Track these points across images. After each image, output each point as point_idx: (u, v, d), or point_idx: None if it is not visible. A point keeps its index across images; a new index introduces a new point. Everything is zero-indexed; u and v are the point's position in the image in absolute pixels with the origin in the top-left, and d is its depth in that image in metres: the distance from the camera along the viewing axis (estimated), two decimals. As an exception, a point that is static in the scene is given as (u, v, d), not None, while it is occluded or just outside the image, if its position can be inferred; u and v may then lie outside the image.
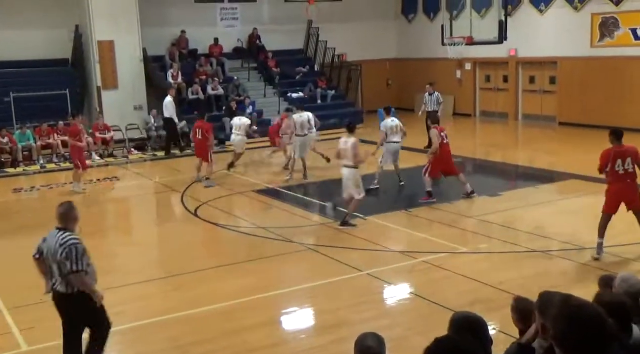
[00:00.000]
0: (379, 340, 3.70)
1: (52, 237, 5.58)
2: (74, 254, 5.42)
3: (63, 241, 5.47)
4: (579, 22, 19.60)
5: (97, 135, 18.28)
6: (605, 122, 18.98)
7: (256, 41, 23.05)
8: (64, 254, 5.42)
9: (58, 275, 5.51)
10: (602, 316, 2.37)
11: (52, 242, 5.55)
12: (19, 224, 11.95)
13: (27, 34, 19.56)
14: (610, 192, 8.70)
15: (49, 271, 5.60)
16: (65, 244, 5.45)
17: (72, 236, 5.54)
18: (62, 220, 5.65)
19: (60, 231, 5.58)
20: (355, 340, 3.70)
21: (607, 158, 8.67)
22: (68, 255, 5.41)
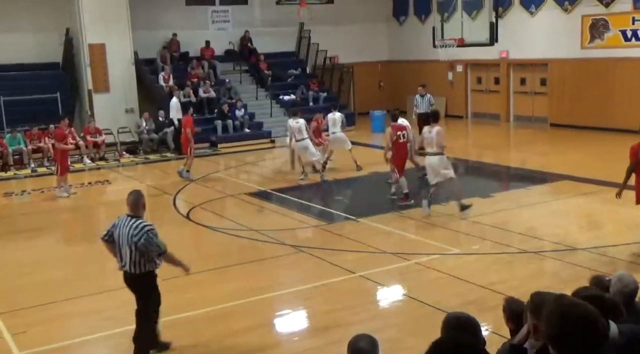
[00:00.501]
0: (372, 342, 3.70)
1: (124, 224, 6.03)
2: (153, 239, 5.96)
3: (137, 228, 5.94)
4: (569, 23, 19.71)
5: (89, 138, 18.21)
6: (595, 123, 19.13)
7: (248, 44, 23.05)
8: (141, 240, 5.90)
9: (128, 258, 6.00)
10: (595, 314, 2.38)
11: (124, 228, 6.01)
12: (9, 228, 11.89)
13: (17, 37, 19.49)
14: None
15: (119, 253, 6.08)
16: (141, 230, 5.92)
17: (144, 222, 6.03)
18: (132, 207, 6.12)
19: (131, 218, 6.04)
20: (344, 343, 3.70)
21: (637, 151, 8.57)
22: (149, 241, 5.93)
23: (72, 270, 9.33)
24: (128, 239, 5.94)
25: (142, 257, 6.00)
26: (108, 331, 7.15)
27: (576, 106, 19.87)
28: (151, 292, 6.24)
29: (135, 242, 5.91)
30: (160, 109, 19.49)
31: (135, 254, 5.96)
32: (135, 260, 6.00)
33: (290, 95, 22.14)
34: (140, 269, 6.05)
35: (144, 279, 6.12)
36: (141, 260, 6.01)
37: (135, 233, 5.92)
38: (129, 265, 6.04)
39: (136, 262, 6.01)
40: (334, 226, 10.94)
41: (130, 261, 6.01)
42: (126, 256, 6.01)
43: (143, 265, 6.04)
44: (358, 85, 24.48)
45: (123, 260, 6.07)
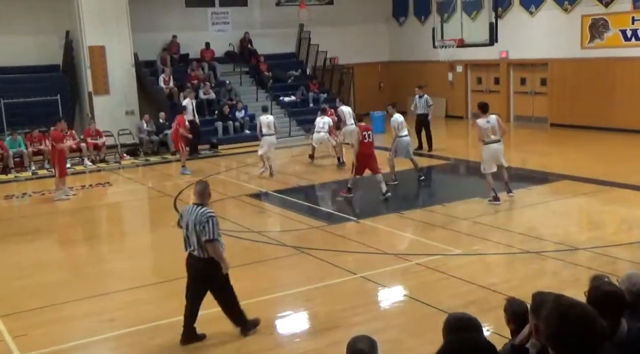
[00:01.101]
0: (371, 343, 3.70)
1: (190, 212, 6.45)
2: (210, 225, 6.33)
3: (201, 214, 6.35)
4: (568, 23, 19.71)
5: (89, 140, 18.22)
6: (595, 123, 19.13)
7: (248, 45, 23.05)
8: (201, 225, 6.30)
9: (196, 244, 6.39)
10: (593, 315, 2.38)
11: (190, 216, 6.42)
12: (10, 230, 11.89)
13: (17, 40, 19.50)
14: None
15: (188, 239, 6.47)
16: (204, 216, 6.34)
17: (208, 209, 6.44)
18: (199, 196, 6.54)
19: (197, 206, 6.46)
20: (345, 344, 3.70)
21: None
22: (205, 226, 6.31)
23: (72, 272, 9.33)
24: (195, 224, 6.34)
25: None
26: (109, 333, 7.15)
27: (576, 105, 19.86)
28: (218, 276, 6.51)
29: (199, 227, 6.32)
30: (160, 111, 19.50)
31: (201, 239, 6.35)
32: (203, 245, 6.36)
33: (291, 96, 22.15)
34: (207, 254, 6.40)
35: (214, 263, 6.44)
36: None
37: (199, 219, 6.33)
38: (198, 250, 6.41)
39: (204, 247, 6.36)
40: (335, 226, 10.94)
41: (199, 246, 6.39)
42: (194, 242, 6.40)
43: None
44: (358, 86, 24.48)
45: (192, 245, 6.44)
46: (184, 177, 15.53)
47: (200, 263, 6.48)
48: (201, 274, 6.53)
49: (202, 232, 6.31)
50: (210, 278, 6.55)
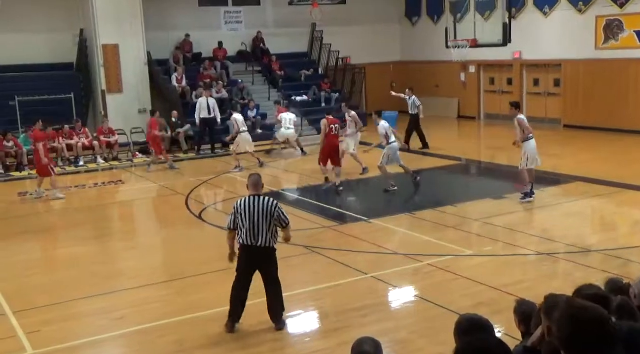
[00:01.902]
0: (375, 344, 3.69)
1: (254, 203, 6.69)
2: (283, 212, 6.80)
3: (270, 205, 6.71)
4: (583, 24, 19.58)
5: (102, 138, 18.32)
6: (609, 124, 19.00)
7: (260, 44, 23.08)
8: (275, 214, 6.68)
9: (265, 232, 6.67)
10: (605, 317, 2.37)
11: (256, 206, 6.67)
12: (23, 227, 11.98)
13: (31, 38, 19.63)
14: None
15: (252, 231, 6.65)
16: (273, 206, 6.72)
17: (271, 199, 6.84)
18: (255, 187, 6.89)
19: (256, 197, 6.76)
20: (352, 344, 3.70)
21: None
22: (280, 214, 6.74)
23: (84, 270, 9.38)
24: (265, 214, 6.63)
25: (274, 231, 6.73)
26: (119, 330, 7.19)
27: (590, 107, 19.73)
28: (277, 264, 6.90)
29: (272, 215, 6.63)
30: (173, 110, 19.58)
31: (272, 227, 6.68)
32: (272, 233, 6.70)
33: (303, 96, 22.16)
34: (275, 241, 6.78)
35: (274, 251, 6.83)
36: (275, 234, 6.74)
37: (271, 207, 6.66)
38: (265, 239, 6.66)
39: (272, 236, 6.71)
40: (346, 226, 10.93)
41: (266, 235, 6.66)
42: (263, 231, 6.63)
43: (276, 238, 6.79)
44: (370, 86, 24.45)
45: (257, 236, 6.64)
46: (196, 177, 15.57)
47: (270, 253, 6.80)
48: (263, 261, 6.81)
49: (277, 220, 6.69)
50: (268, 265, 6.86)
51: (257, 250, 6.72)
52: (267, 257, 6.82)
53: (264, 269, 6.88)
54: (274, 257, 6.88)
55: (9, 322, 7.44)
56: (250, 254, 6.77)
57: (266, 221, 6.65)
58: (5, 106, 18.30)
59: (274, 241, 6.79)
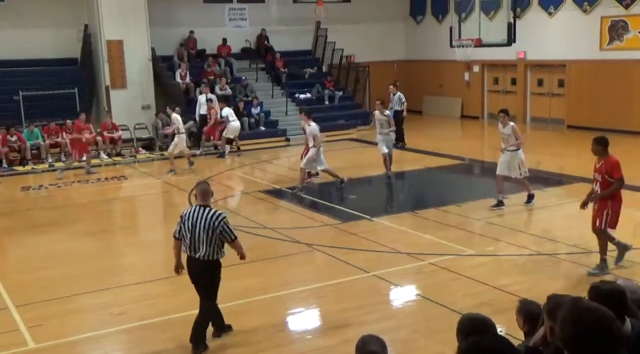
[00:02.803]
0: (381, 344, 3.68)
1: (197, 214, 6.30)
2: (228, 227, 6.32)
3: (214, 217, 6.27)
4: (588, 25, 19.53)
5: (105, 134, 18.35)
6: (613, 125, 18.94)
7: (264, 42, 23.07)
8: (218, 228, 6.24)
9: (205, 246, 6.26)
10: (610, 318, 2.36)
11: (199, 218, 6.28)
12: (26, 222, 12.00)
13: (36, 33, 19.65)
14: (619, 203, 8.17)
15: (193, 243, 6.30)
16: (217, 220, 6.26)
17: (217, 211, 6.39)
18: (203, 197, 6.45)
19: (202, 207, 6.35)
20: (356, 343, 3.69)
21: (619, 164, 8.30)
22: (224, 228, 6.27)
23: (86, 265, 9.40)
24: (206, 227, 6.22)
25: (217, 245, 6.30)
26: (121, 325, 7.21)
27: (594, 107, 19.69)
28: (218, 279, 6.50)
29: (214, 229, 6.21)
30: (176, 106, 19.58)
31: (213, 241, 6.25)
32: (213, 247, 6.28)
33: (306, 93, 22.16)
34: (216, 256, 6.35)
35: (216, 266, 6.42)
36: (216, 248, 6.31)
37: (213, 221, 6.23)
38: (205, 253, 6.28)
39: (213, 250, 6.30)
40: (348, 224, 10.93)
41: (206, 248, 6.27)
42: (202, 244, 6.25)
43: (217, 253, 6.35)
44: (374, 85, 24.42)
45: (198, 249, 6.29)
46: (200, 174, 15.58)
47: (208, 267, 6.39)
48: (200, 274, 6.44)
49: (221, 235, 6.28)
50: (205, 279, 6.46)
51: (195, 262, 6.38)
52: (204, 271, 6.41)
53: (198, 284, 6.53)
54: (211, 272, 6.42)
55: (11, 316, 7.46)
56: (190, 265, 6.46)
57: (207, 234, 6.23)
58: (9, 101, 18.33)
59: (215, 255, 6.35)
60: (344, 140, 20.05)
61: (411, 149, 16.47)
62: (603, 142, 8.17)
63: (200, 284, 6.51)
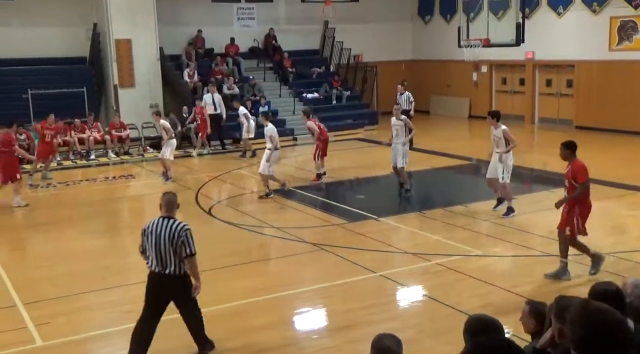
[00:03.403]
0: (396, 341, 3.69)
1: (161, 225, 5.96)
2: (190, 239, 5.95)
3: (178, 229, 5.93)
4: (597, 25, 19.45)
5: (114, 133, 18.41)
6: (622, 126, 18.88)
7: (272, 41, 23.09)
8: (180, 239, 5.89)
9: (171, 261, 5.91)
10: (622, 320, 2.35)
11: (163, 230, 5.93)
12: (34, 220, 12.06)
13: (45, 31, 19.75)
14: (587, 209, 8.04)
15: (157, 257, 5.94)
16: (181, 230, 5.92)
17: (182, 222, 6.02)
18: (168, 208, 6.10)
19: (167, 219, 6.01)
20: (371, 341, 3.69)
21: (585, 169, 8.04)
22: (185, 240, 5.90)
23: (94, 263, 9.43)
24: (171, 238, 5.89)
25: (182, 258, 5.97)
26: (129, 324, 7.18)
27: (603, 108, 19.61)
28: (190, 293, 6.14)
29: (178, 240, 5.88)
30: (184, 105, 19.65)
31: (179, 253, 5.92)
32: (180, 260, 5.94)
33: (314, 93, 22.16)
34: (185, 269, 6.01)
35: (187, 280, 6.08)
36: (183, 261, 5.97)
37: (178, 231, 5.92)
38: (173, 267, 5.94)
39: (182, 263, 5.96)
40: (355, 224, 10.92)
41: (174, 262, 5.93)
42: (169, 257, 5.92)
43: (184, 266, 6.01)
44: (381, 84, 24.41)
45: (167, 264, 5.94)
46: (205, 173, 15.61)
47: (176, 282, 6.04)
48: (175, 291, 6.10)
49: (181, 247, 5.89)
50: (182, 294, 6.13)
51: (166, 279, 5.98)
52: (178, 288, 6.07)
53: (176, 302, 6.19)
54: (184, 286, 6.09)
55: (19, 313, 7.50)
56: (159, 282, 6.03)
57: (172, 246, 5.89)
58: (18, 99, 18.41)
59: (185, 268, 6.02)
60: (351, 140, 20.05)
61: (418, 149, 16.41)
62: (570, 146, 8.02)
63: (177, 302, 6.17)
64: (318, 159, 14.16)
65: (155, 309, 6.13)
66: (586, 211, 8.02)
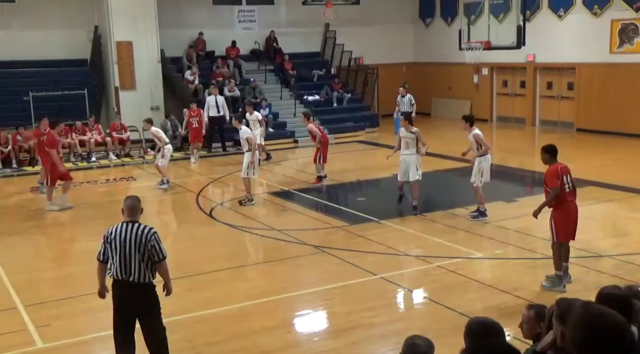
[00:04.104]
0: (428, 343, 3.68)
1: (125, 231, 5.66)
2: (159, 243, 5.67)
3: (145, 233, 5.64)
4: (598, 28, 19.46)
5: (114, 135, 18.42)
6: (623, 129, 18.88)
7: (273, 43, 23.11)
8: (148, 244, 5.61)
9: (136, 266, 5.61)
10: (624, 323, 2.35)
11: (128, 234, 5.63)
12: (35, 222, 12.05)
13: (46, 34, 19.77)
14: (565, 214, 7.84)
15: (122, 264, 5.63)
16: (149, 234, 5.64)
17: (147, 226, 5.73)
18: (131, 212, 5.81)
19: (131, 223, 5.72)
20: (404, 340, 3.69)
21: (556, 174, 7.83)
22: (154, 245, 5.63)
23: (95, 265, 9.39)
24: (138, 244, 5.58)
25: (151, 265, 5.67)
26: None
27: (604, 111, 19.61)
28: (158, 303, 5.84)
29: (145, 244, 5.58)
30: (184, 108, 19.64)
31: (146, 259, 5.62)
32: (146, 267, 5.63)
33: (315, 95, 22.17)
34: (151, 277, 5.70)
35: (153, 289, 5.76)
36: (152, 267, 5.68)
37: (145, 235, 5.62)
38: (139, 274, 5.61)
39: (147, 270, 5.64)
40: (356, 227, 10.92)
41: (139, 270, 5.61)
42: (135, 264, 5.60)
43: (152, 273, 5.70)
44: (382, 87, 24.42)
45: (130, 271, 5.61)
46: (206, 175, 15.61)
47: (144, 290, 5.70)
48: (138, 300, 5.73)
49: (151, 252, 5.60)
50: (145, 304, 5.76)
51: (130, 286, 5.64)
52: (143, 296, 5.71)
53: (140, 313, 5.76)
54: (149, 295, 5.73)
55: (20, 316, 7.50)
56: (123, 291, 5.69)
57: (139, 252, 5.56)
58: (19, 101, 18.43)
59: (151, 277, 5.68)
60: (352, 142, 20.05)
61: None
62: (549, 150, 7.88)
63: (141, 312, 5.76)
64: (319, 162, 14.13)
65: (124, 318, 5.77)
66: (564, 215, 7.76)
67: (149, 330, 5.80)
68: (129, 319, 5.77)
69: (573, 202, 7.85)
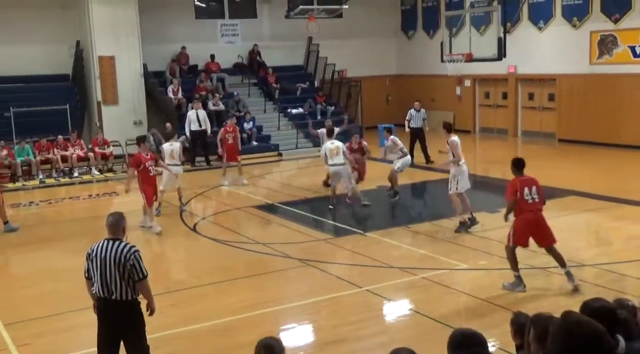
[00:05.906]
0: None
1: (106, 248, 5.57)
2: (139, 262, 5.54)
3: (125, 251, 5.53)
4: (577, 39, 19.71)
5: (97, 150, 18.30)
6: (603, 139, 19.09)
7: (256, 57, 23.15)
8: (128, 262, 5.49)
9: (118, 285, 5.50)
10: (601, 332, 2.36)
11: (108, 252, 5.54)
12: (17, 239, 11.90)
13: (27, 49, 19.64)
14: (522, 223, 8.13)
15: (104, 282, 5.53)
16: (129, 253, 5.52)
17: (129, 244, 5.64)
18: (113, 230, 5.70)
19: (112, 241, 5.62)
20: (390, 352, 3.64)
21: (514, 187, 8.12)
22: (135, 263, 5.51)
23: (77, 282, 9.29)
24: (117, 262, 5.48)
25: (133, 283, 5.55)
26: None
27: (584, 121, 19.82)
28: (143, 321, 5.72)
29: (125, 263, 5.47)
30: (167, 122, 19.58)
31: (126, 277, 5.50)
32: (127, 285, 5.52)
33: (298, 108, 22.20)
34: (134, 294, 5.58)
35: (136, 307, 5.65)
36: (134, 285, 5.55)
37: (125, 253, 5.50)
38: (121, 292, 5.51)
39: (129, 288, 5.53)
40: (341, 239, 10.91)
41: (120, 288, 5.50)
42: (116, 282, 5.49)
43: (135, 291, 5.57)
44: (366, 99, 24.52)
45: (112, 290, 5.51)
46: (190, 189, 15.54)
47: (127, 309, 5.59)
48: (121, 318, 5.61)
49: (131, 271, 5.48)
50: (133, 325, 5.65)
51: (112, 304, 5.54)
52: (126, 314, 5.60)
53: (123, 330, 5.65)
54: (134, 313, 5.63)
55: (0, 335, 7.38)
56: (106, 309, 5.60)
57: (119, 271, 5.45)
58: (1, 117, 18.28)
59: (133, 293, 5.56)
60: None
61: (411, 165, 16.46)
62: (515, 164, 8.27)
63: (125, 330, 5.64)
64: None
65: (108, 335, 5.67)
66: (522, 223, 8.10)
67: (133, 348, 5.70)
68: (113, 336, 5.67)
69: (533, 212, 8.08)
